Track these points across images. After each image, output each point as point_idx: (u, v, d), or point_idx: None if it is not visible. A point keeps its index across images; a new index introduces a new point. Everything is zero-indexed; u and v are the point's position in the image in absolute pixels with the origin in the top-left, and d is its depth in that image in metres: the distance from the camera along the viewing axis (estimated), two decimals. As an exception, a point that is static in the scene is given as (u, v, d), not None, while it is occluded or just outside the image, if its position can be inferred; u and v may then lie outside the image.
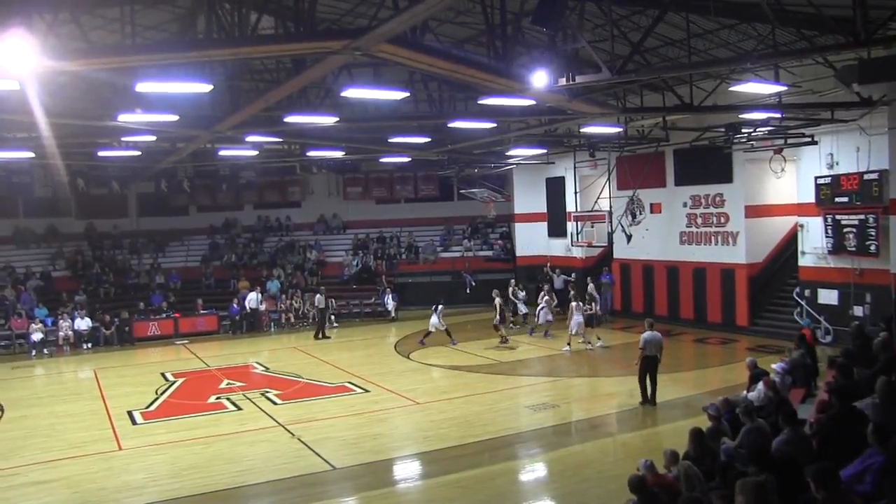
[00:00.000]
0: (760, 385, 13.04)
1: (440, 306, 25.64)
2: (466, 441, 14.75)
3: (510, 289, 28.91)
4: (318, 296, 29.91)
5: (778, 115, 20.51)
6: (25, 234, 35.37)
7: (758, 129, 22.33)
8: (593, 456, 13.80)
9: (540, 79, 14.10)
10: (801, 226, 23.94)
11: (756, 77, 18.96)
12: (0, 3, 9.90)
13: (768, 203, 26.09)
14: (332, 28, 18.20)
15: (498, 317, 25.40)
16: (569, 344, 23.60)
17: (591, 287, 27.91)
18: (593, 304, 26.68)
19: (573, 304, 24.15)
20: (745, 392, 13.70)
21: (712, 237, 26.77)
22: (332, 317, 31.07)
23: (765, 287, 26.15)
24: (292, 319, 31.89)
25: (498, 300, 25.62)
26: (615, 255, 31.01)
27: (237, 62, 17.65)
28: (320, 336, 28.67)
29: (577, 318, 23.64)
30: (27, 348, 27.45)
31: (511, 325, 27.80)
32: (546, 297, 26.29)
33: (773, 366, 14.59)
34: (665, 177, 28.51)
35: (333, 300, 31.69)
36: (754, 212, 25.78)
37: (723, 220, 26.35)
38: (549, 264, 33.30)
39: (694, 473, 8.57)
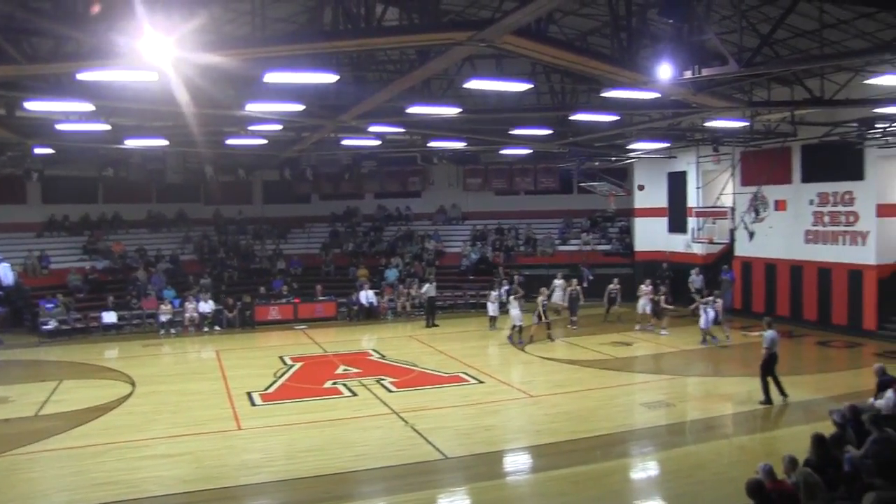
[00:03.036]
0: (890, 393, 12.42)
1: (513, 296, 26.11)
2: (579, 436, 14.65)
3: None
4: (426, 285, 30.42)
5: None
6: (157, 219, 37.13)
7: (894, 125, 21.29)
8: (708, 457, 13.48)
9: (665, 71, 13.79)
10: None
11: (895, 69, 18.04)
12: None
13: (903, 202, 24.89)
14: (457, 19, 18.25)
15: (536, 318, 24.99)
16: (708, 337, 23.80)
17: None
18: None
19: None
20: (871, 399, 13.12)
21: (840, 236, 25.76)
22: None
23: (896, 290, 24.99)
24: (409, 308, 32.16)
25: (540, 299, 25.24)
26: (736, 253, 30.22)
27: (362, 53, 17.90)
28: (430, 324, 29.09)
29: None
30: (156, 327, 28.76)
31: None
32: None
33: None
34: (791, 173, 27.56)
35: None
36: (887, 211, 24.64)
37: (852, 218, 25.31)
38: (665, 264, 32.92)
39: (815, 482, 8.28)
